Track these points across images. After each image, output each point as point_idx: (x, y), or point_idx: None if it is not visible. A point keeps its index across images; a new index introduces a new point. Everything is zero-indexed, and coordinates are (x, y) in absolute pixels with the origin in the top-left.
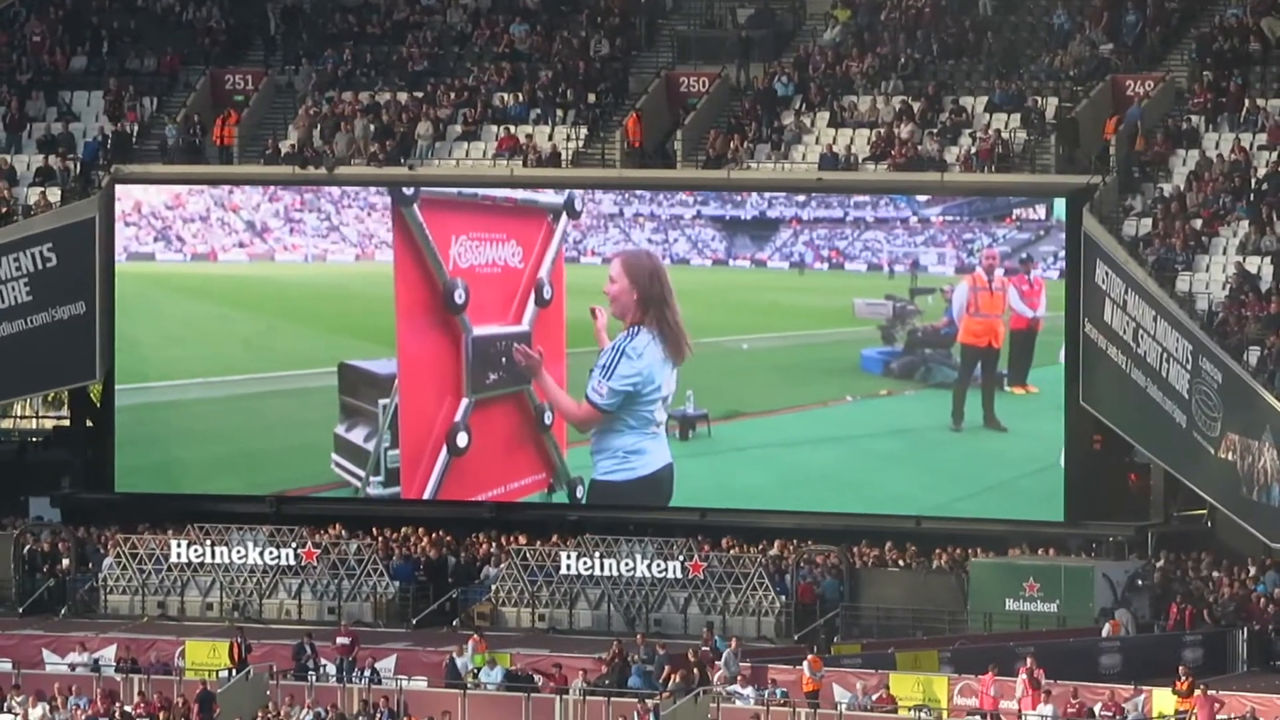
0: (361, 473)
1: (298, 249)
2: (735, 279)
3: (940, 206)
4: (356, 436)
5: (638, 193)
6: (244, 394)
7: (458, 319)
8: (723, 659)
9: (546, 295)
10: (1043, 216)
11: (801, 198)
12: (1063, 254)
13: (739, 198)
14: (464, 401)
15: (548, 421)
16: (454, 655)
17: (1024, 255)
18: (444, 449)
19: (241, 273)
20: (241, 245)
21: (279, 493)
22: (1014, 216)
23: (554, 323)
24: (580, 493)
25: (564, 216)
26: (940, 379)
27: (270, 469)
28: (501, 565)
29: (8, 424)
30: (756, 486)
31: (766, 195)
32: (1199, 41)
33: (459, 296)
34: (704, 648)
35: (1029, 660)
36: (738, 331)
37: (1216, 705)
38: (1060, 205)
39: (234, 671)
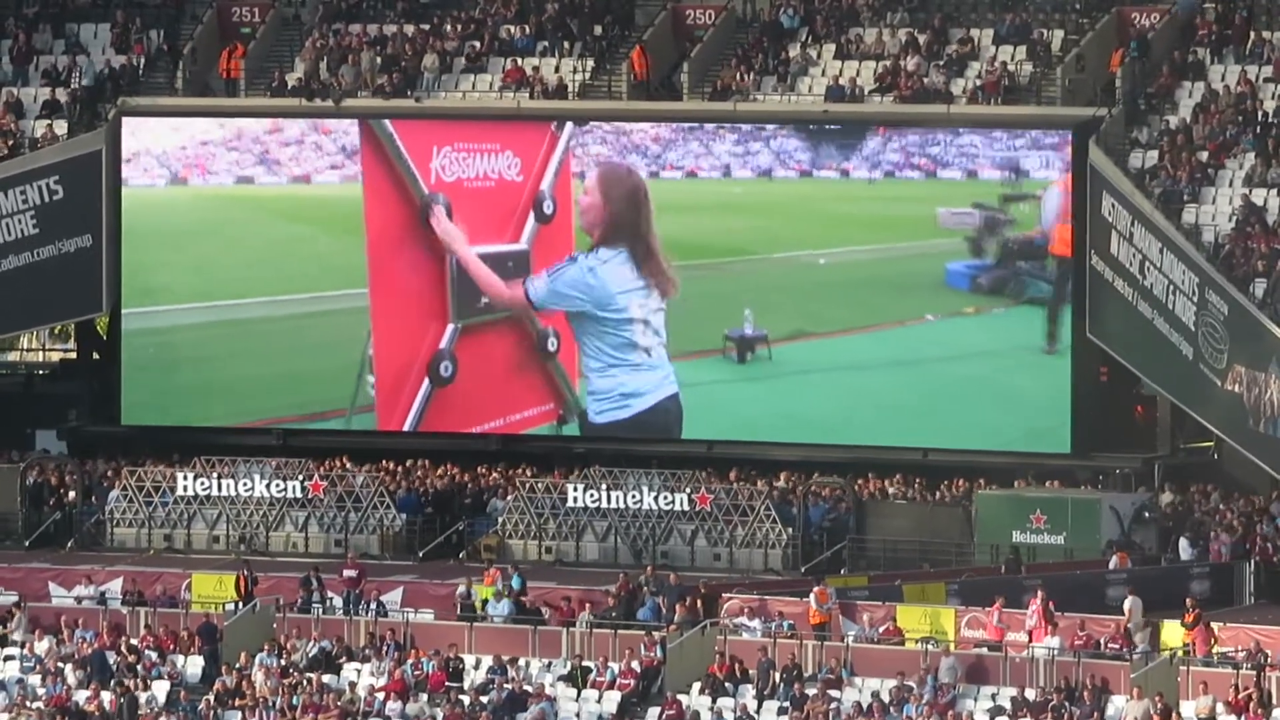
0: None
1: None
2: (819, 190)
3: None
4: None
5: None
6: (250, 318)
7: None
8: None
9: (548, 210)
10: None
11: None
12: None
13: (825, 108)
14: (449, 328)
15: (551, 348)
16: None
17: None
18: (425, 379)
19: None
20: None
21: (284, 418)
22: None
23: (559, 240)
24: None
25: (569, 125)
26: (1034, 294)
27: (277, 395)
28: (508, 498)
29: (14, 357)
30: (815, 415)
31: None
32: None
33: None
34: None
35: (1040, 593)
36: (820, 245)
37: (1213, 638)
38: None
39: (240, 604)
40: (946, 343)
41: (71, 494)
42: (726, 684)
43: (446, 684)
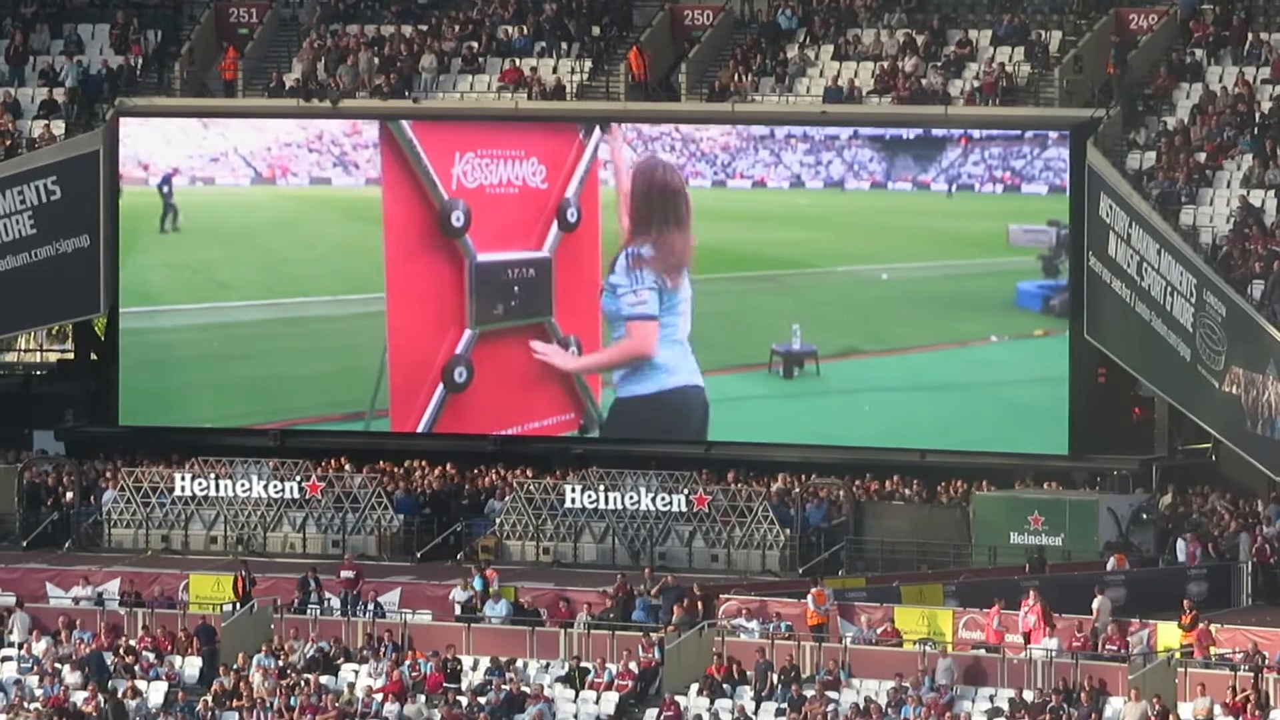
0: None
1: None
2: (891, 202)
3: None
4: None
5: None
6: (248, 320)
7: (458, 243)
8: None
9: (571, 218)
10: None
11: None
12: None
13: (823, 109)
14: (466, 333)
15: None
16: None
17: None
18: (440, 384)
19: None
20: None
21: (284, 423)
22: None
23: (583, 248)
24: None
25: (596, 131)
26: None
27: (275, 398)
28: (506, 499)
29: (12, 357)
30: (857, 435)
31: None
32: None
33: (457, 219)
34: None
35: (1032, 594)
36: (886, 260)
37: (1211, 640)
38: None
39: (238, 605)
40: (1009, 365)
41: (69, 494)
42: (724, 685)
43: (444, 685)
